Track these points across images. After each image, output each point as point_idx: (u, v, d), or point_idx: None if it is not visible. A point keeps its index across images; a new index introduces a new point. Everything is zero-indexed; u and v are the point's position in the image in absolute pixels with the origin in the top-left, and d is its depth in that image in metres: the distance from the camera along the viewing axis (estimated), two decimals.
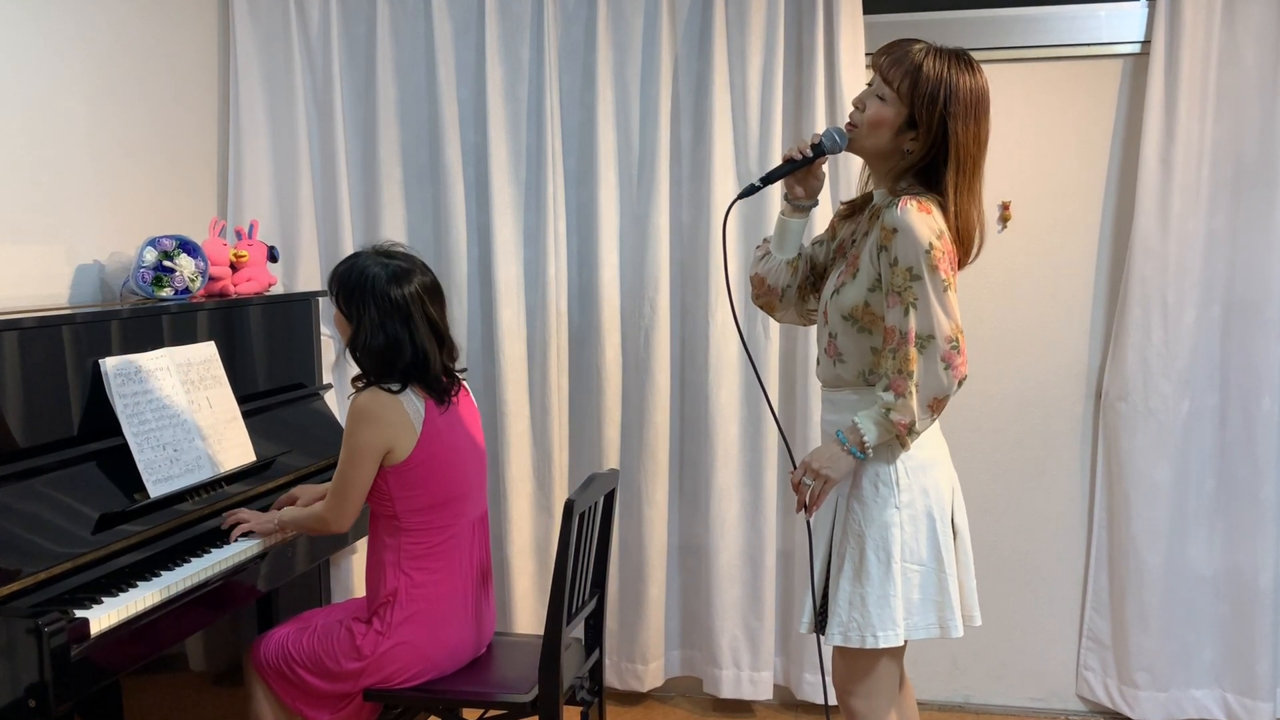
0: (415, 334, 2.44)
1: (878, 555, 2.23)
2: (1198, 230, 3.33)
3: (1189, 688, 3.47)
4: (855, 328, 2.26)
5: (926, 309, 2.13)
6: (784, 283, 2.42)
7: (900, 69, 2.20)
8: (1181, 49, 3.26)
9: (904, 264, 2.13)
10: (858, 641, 2.23)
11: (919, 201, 2.14)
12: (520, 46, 3.56)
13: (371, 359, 2.45)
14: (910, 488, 2.25)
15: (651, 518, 3.60)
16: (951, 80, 2.18)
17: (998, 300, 3.57)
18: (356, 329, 2.45)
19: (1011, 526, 3.62)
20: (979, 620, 2.36)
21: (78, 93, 3.00)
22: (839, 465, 2.22)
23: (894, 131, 2.21)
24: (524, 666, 2.62)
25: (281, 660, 2.54)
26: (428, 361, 2.46)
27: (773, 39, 3.43)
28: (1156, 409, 3.39)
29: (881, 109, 2.21)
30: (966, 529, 2.37)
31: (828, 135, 2.27)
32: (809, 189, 2.36)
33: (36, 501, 2.26)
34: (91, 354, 2.53)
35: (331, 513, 2.50)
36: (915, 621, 2.25)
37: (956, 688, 3.71)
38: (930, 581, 2.26)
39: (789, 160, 2.31)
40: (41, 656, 1.98)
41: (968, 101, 2.20)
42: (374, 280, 2.43)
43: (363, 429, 2.42)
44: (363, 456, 2.43)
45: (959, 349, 2.16)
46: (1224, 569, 3.44)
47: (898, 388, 2.16)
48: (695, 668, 3.75)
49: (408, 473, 2.46)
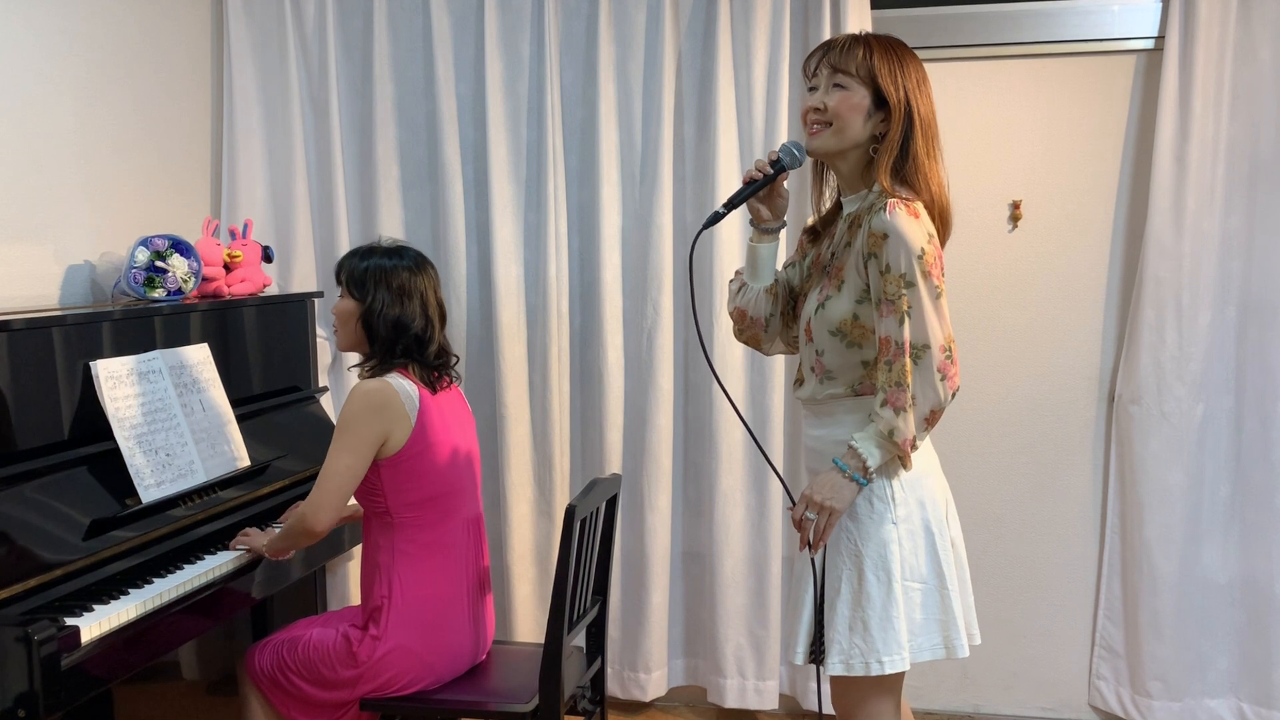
0: (427, 308, 2.56)
1: (877, 575, 2.15)
2: (1213, 230, 3.32)
3: (1204, 697, 3.46)
4: (844, 343, 2.19)
5: (921, 317, 2.08)
6: (766, 312, 2.37)
7: (851, 56, 2.17)
8: (1196, 45, 3.25)
9: (896, 270, 2.07)
10: (861, 669, 2.15)
11: (907, 205, 2.09)
12: (520, 41, 3.56)
13: (384, 329, 2.51)
14: (907, 501, 2.18)
15: (654, 523, 3.60)
16: (896, 53, 2.18)
17: (1008, 301, 3.56)
18: (369, 305, 2.51)
19: (1022, 532, 3.62)
20: (979, 638, 2.30)
21: (67, 88, 2.99)
22: (842, 495, 2.13)
23: (865, 116, 2.16)
24: (524, 675, 2.61)
25: (276, 668, 2.54)
26: (432, 337, 2.57)
27: (778, 34, 3.43)
28: (1170, 413, 3.38)
29: (847, 96, 2.16)
30: (962, 542, 2.31)
31: (785, 150, 2.22)
32: (775, 209, 2.31)
33: (26, 507, 2.26)
34: (82, 356, 2.52)
35: (310, 506, 2.46)
36: (920, 643, 2.18)
37: (966, 698, 3.70)
38: (933, 599, 2.19)
39: (749, 181, 2.26)
40: (31, 665, 1.98)
41: (914, 68, 2.18)
42: (385, 266, 2.55)
43: (362, 416, 2.43)
44: (357, 442, 2.43)
45: (953, 358, 2.11)
46: (1239, 576, 3.43)
47: (895, 402, 2.09)
48: (699, 677, 3.75)
49: (400, 465, 2.47)
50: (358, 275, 2.55)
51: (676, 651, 3.76)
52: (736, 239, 3.49)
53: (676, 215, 3.57)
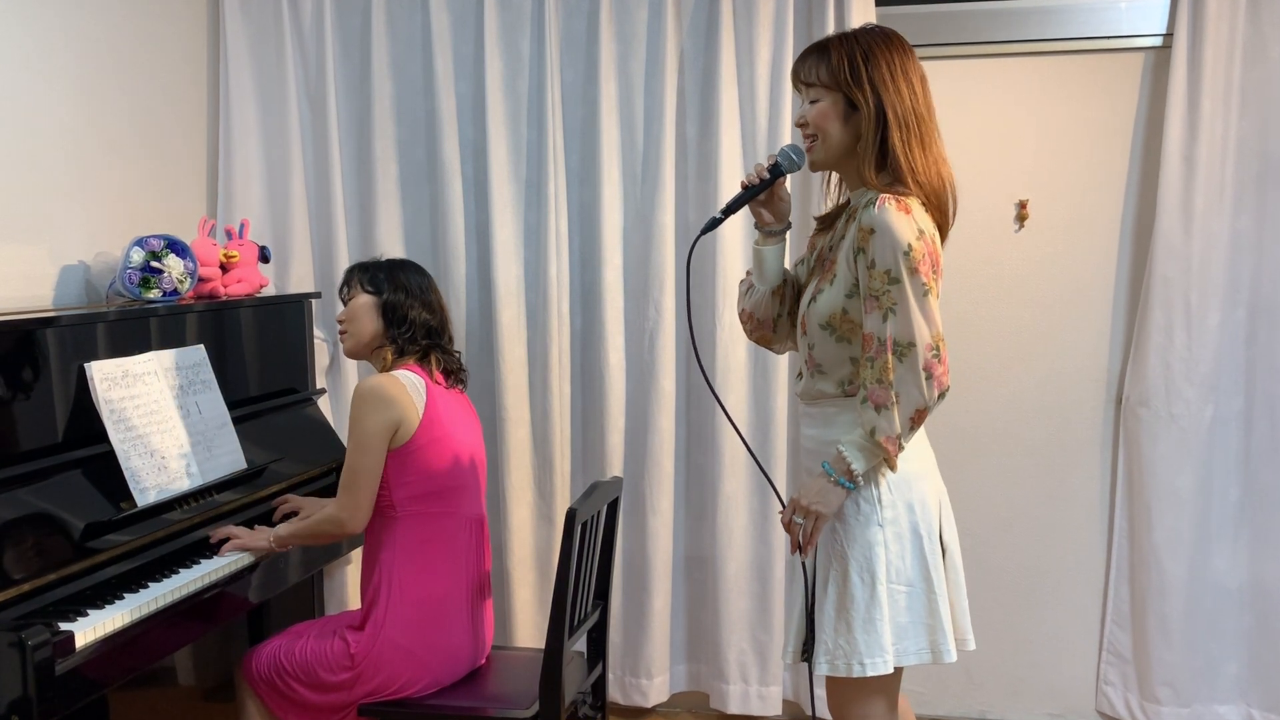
0: (439, 305, 2.74)
1: (862, 577, 2.16)
2: (1222, 230, 3.32)
3: (1213, 703, 3.46)
4: (834, 336, 2.20)
5: (906, 314, 2.07)
6: (773, 313, 2.37)
7: (811, 65, 2.19)
8: (1205, 42, 3.25)
9: (881, 266, 2.07)
10: (844, 670, 2.17)
11: (898, 200, 2.09)
12: (521, 39, 3.56)
13: (407, 314, 2.64)
14: (894, 504, 2.18)
15: (656, 527, 3.59)
16: (861, 47, 2.16)
17: (1014, 302, 3.56)
18: (388, 295, 2.65)
19: (1028, 536, 3.61)
20: (973, 644, 2.31)
21: (62, 86, 2.99)
22: (829, 500, 2.15)
23: (841, 122, 2.17)
24: (524, 681, 2.61)
25: (274, 672, 2.54)
26: (445, 329, 2.73)
27: (782, 31, 3.43)
28: (1179, 415, 3.38)
29: (819, 107, 2.19)
30: (957, 545, 2.31)
31: (783, 154, 2.24)
32: (777, 213, 2.31)
33: (20, 510, 2.25)
34: (76, 358, 2.52)
35: (345, 510, 2.53)
36: (905, 646, 2.19)
37: (972, 703, 3.70)
38: (919, 603, 2.20)
39: (747, 187, 2.27)
40: (25, 670, 1.97)
41: (886, 59, 2.16)
42: (396, 265, 2.73)
43: (370, 412, 2.49)
44: (372, 439, 2.49)
45: (940, 357, 2.10)
46: (1249, 580, 3.43)
47: (877, 399, 2.10)
48: (702, 682, 3.74)
49: (407, 456, 2.51)
50: (371, 272, 2.68)
51: (679, 657, 3.75)
52: (739, 241, 3.49)
53: (679, 215, 3.57)
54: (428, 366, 2.64)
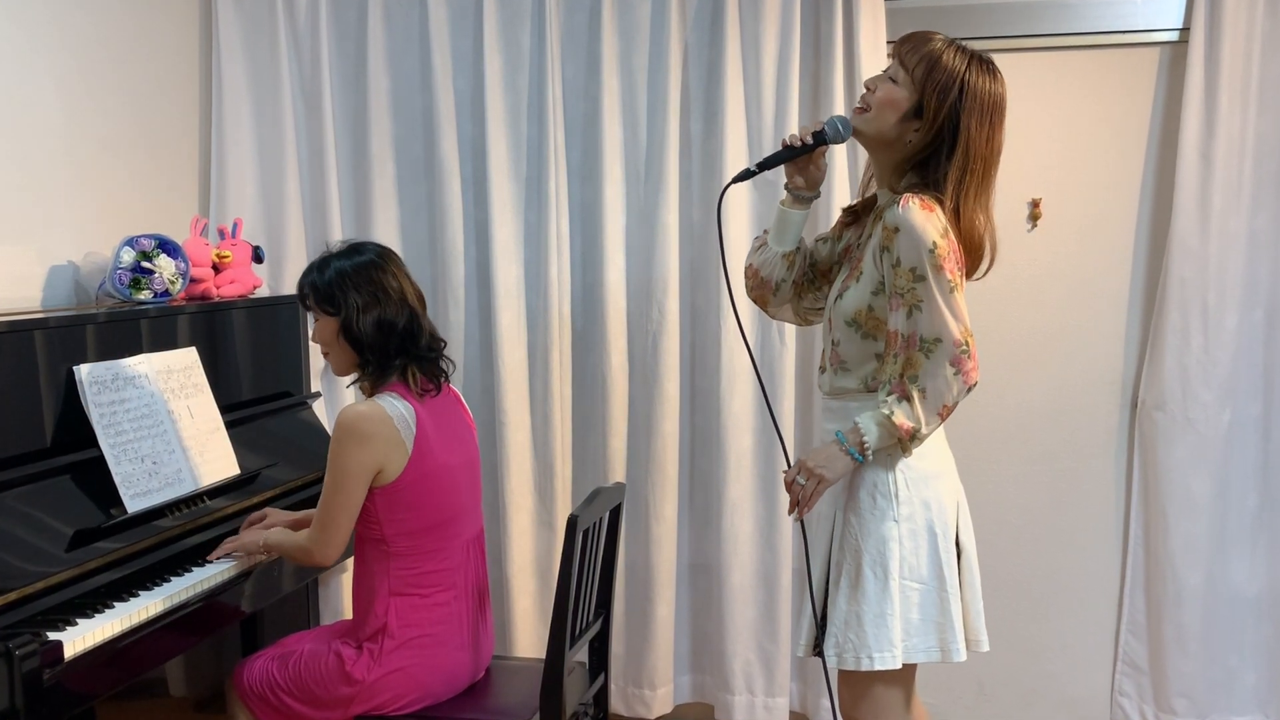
0: (405, 298, 2.49)
1: (874, 571, 2.22)
2: (1240, 230, 3.32)
3: (1230, 714, 3.45)
4: (859, 334, 2.28)
5: (932, 311, 2.14)
6: (778, 276, 2.44)
7: (917, 55, 2.23)
8: (1223, 37, 3.25)
9: (907, 264, 2.14)
10: (852, 663, 2.23)
11: (921, 199, 2.16)
12: (520, 34, 3.55)
13: (370, 334, 2.44)
14: (910, 500, 2.24)
15: (660, 534, 3.59)
16: (968, 77, 2.21)
17: (1027, 303, 3.55)
18: (346, 315, 2.44)
19: (1041, 543, 3.61)
20: (986, 646, 2.35)
21: (51, 82, 2.99)
22: (835, 465, 2.22)
23: (900, 116, 2.24)
24: (524, 692, 2.60)
25: (266, 686, 2.53)
26: (420, 327, 2.50)
27: (788, 26, 3.42)
28: (1196, 419, 3.37)
29: (893, 90, 2.24)
30: (973, 547, 2.35)
31: (830, 124, 2.30)
32: (810, 179, 2.38)
33: (7, 517, 2.25)
34: (65, 360, 2.52)
35: (317, 545, 2.46)
36: (914, 643, 2.24)
37: (983, 714, 3.69)
38: (931, 601, 2.25)
39: (788, 147, 2.33)
40: (12, 681, 1.97)
41: (984, 102, 2.22)
42: (347, 269, 2.48)
43: (351, 449, 2.38)
44: (351, 479, 2.39)
45: (969, 353, 2.17)
46: (1267, 589, 3.43)
47: (900, 390, 2.18)
48: (706, 693, 3.74)
49: (397, 494, 2.44)
50: (323, 289, 2.47)
51: (683, 667, 3.75)
52: (742, 240, 3.48)
53: (683, 214, 3.56)
54: (411, 383, 2.48)
